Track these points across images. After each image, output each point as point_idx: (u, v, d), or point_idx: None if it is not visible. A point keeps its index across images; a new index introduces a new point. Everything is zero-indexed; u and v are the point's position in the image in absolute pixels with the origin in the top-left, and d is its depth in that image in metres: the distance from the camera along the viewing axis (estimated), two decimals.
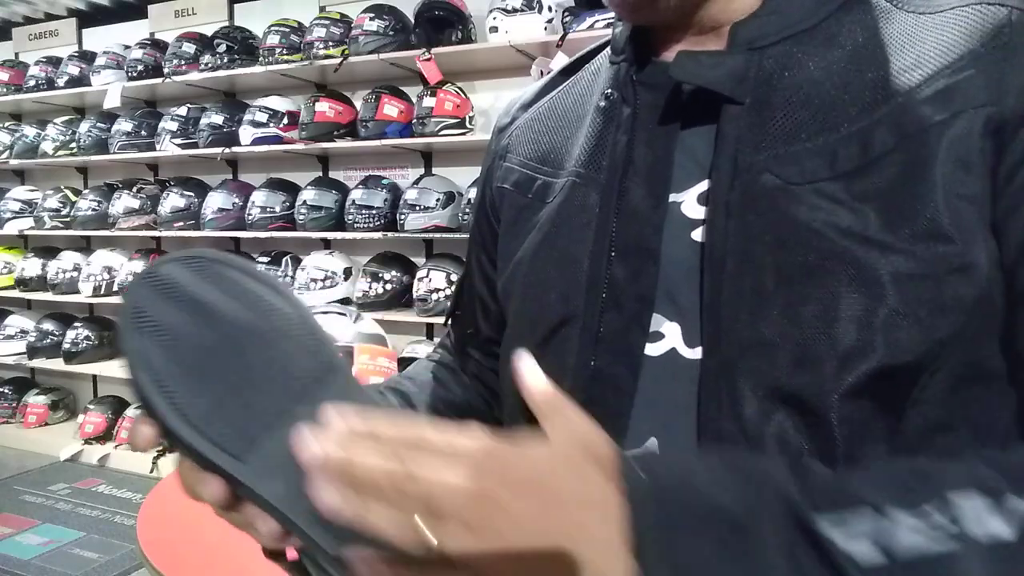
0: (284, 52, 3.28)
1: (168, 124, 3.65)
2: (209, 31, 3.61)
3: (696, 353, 0.46)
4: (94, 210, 3.88)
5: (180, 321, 0.41)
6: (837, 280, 0.43)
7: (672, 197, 0.49)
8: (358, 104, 3.23)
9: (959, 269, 0.42)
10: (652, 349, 0.48)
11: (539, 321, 0.53)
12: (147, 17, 4.09)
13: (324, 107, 3.23)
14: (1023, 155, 0.43)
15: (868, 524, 0.35)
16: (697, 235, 0.48)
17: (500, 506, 0.32)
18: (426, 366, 0.73)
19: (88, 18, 4.33)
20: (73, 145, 3.98)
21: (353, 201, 3.17)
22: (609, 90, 0.55)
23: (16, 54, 4.57)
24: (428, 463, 0.32)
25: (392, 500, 0.31)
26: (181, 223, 3.61)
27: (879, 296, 0.42)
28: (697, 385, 0.46)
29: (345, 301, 3.27)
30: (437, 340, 3.42)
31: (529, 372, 0.38)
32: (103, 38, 4.21)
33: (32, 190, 4.34)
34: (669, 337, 0.48)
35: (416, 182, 3.17)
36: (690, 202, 0.49)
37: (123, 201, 3.78)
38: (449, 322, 0.75)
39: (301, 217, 3.27)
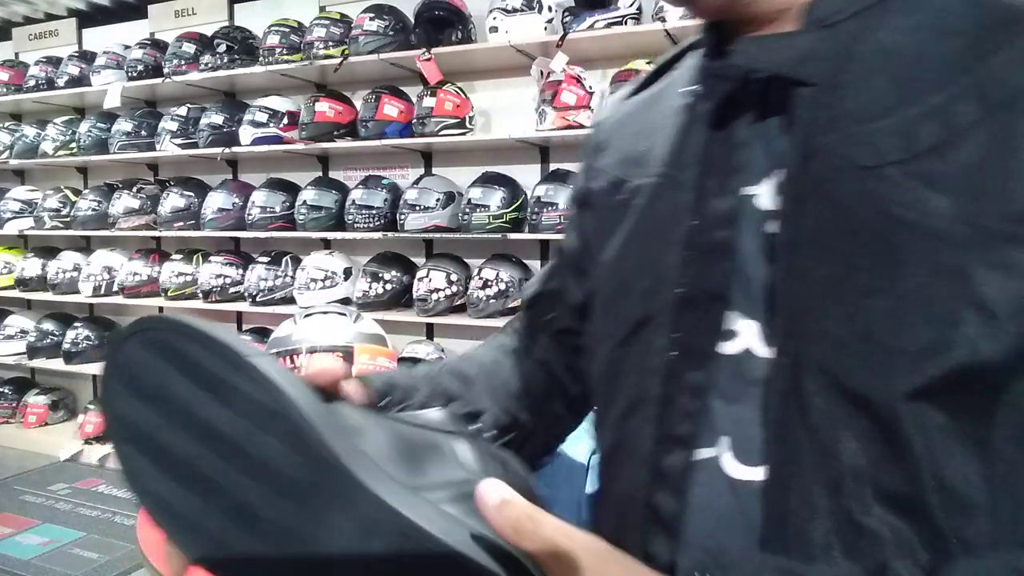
0: (284, 52, 3.28)
1: (168, 124, 3.65)
2: (209, 31, 3.61)
3: (771, 352, 0.44)
4: (94, 210, 3.88)
5: (156, 427, 0.37)
6: (914, 270, 0.40)
7: (746, 190, 0.48)
8: (358, 104, 3.23)
9: None
10: (727, 347, 0.47)
11: (621, 320, 0.54)
12: (147, 17, 4.09)
13: (324, 107, 3.23)
14: None
15: None
16: (772, 228, 0.46)
17: None
18: (493, 349, 0.72)
19: (88, 18, 4.33)
20: (73, 145, 3.98)
21: (353, 201, 3.17)
22: (694, 86, 0.54)
23: (16, 54, 4.57)
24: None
25: None
26: (181, 223, 3.61)
27: (962, 287, 0.39)
28: (768, 385, 0.44)
29: (345, 301, 3.27)
30: (437, 340, 3.44)
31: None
32: (103, 38, 4.21)
33: (32, 190, 4.34)
34: (744, 335, 0.46)
35: (416, 182, 3.17)
36: (765, 194, 0.47)
37: (123, 201, 3.78)
38: (526, 306, 0.73)
39: (301, 217, 3.27)
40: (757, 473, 0.44)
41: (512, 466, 0.42)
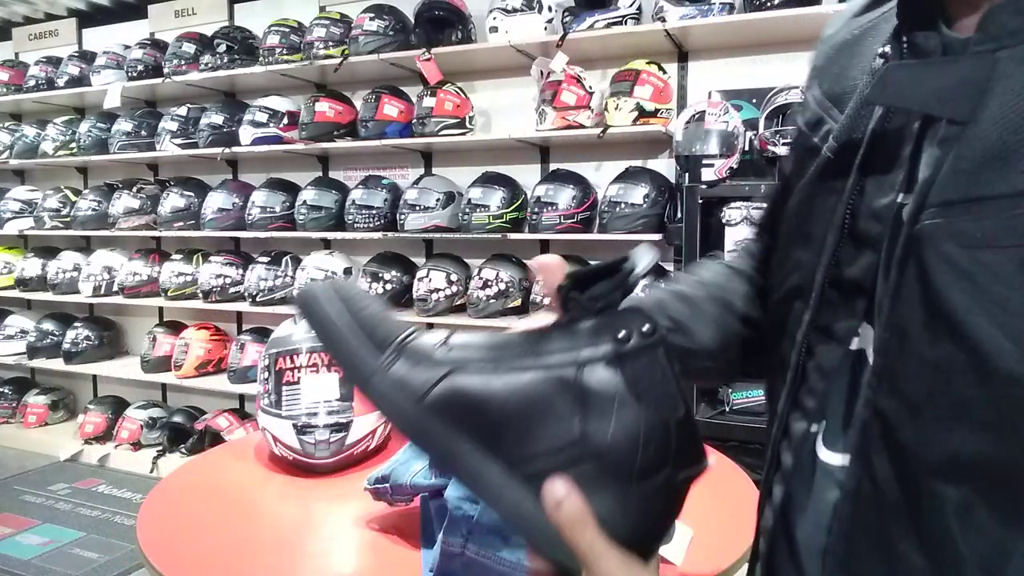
0: (284, 52, 3.28)
1: (168, 124, 3.65)
2: (209, 31, 3.61)
3: (873, 365, 0.43)
4: (94, 210, 3.89)
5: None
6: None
7: (901, 198, 0.43)
8: (358, 104, 3.23)
9: None
10: (855, 343, 0.47)
11: (783, 280, 0.54)
12: (147, 17, 4.09)
13: (324, 107, 3.23)
14: None
15: None
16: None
17: None
18: (718, 273, 0.68)
19: (88, 18, 4.34)
20: (73, 145, 3.98)
21: (353, 201, 3.17)
22: (883, 47, 0.46)
23: (16, 54, 4.57)
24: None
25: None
26: (181, 223, 3.62)
27: None
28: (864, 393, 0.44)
29: None
30: None
31: None
32: (103, 38, 4.21)
33: (32, 190, 4.34)
34: (863, 337, 0.46)
35: (416, 182, 3.17)
36: (909, 209, 0.41)
37: (123, 201, 3.78)
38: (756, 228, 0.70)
39: (301, 217, 3.27)
40: (839, 459, 0.47)
41: (653, 395, 0.40)
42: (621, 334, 0.40)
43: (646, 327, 0.40)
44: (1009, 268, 0.35)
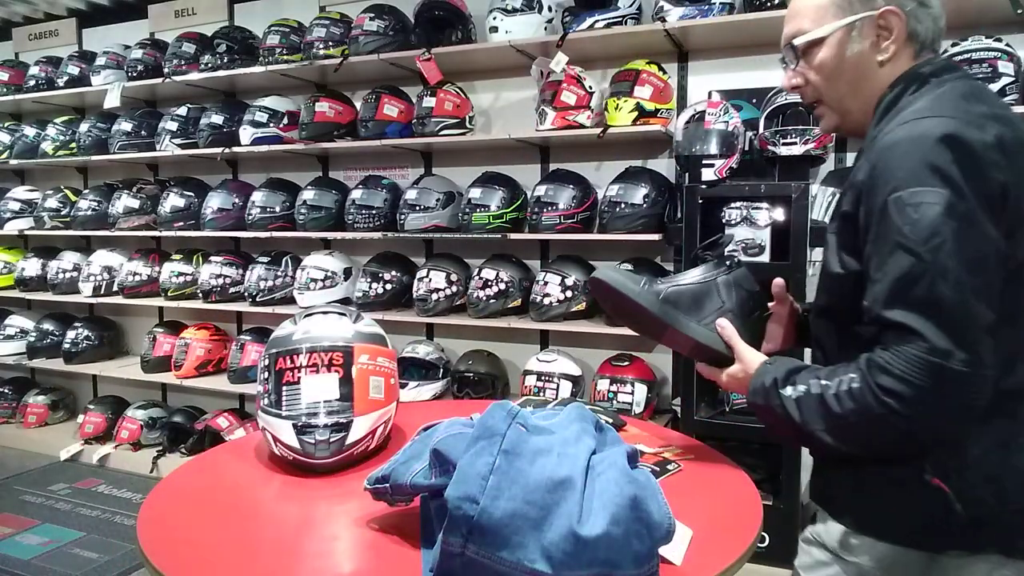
0: (284, 52, 3.28)
1: (168, 124, 3.65)
2: (209, 31, 3.61)
3: None
4: (94, 210, 3.89)
5: None
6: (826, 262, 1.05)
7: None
8: (358, 104, 3.23)
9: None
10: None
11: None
12: (147, 17, 4.10)
13: (324, 107, 3.23)
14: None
15: (799, 386, 0.96)
16: None
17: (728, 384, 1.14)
18: None
19: (88, 18, 4.34)
20: (73, 145, 3.98)
21: (353, 201, 3.17)
22: None
23: (16, 54, 4.57)
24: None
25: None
26: (181, 223, 3.62)
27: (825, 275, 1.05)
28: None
29: (345, 301, 3.27)
30: (437, 340, 3.44)
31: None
32: (103, 38, 4.21)
33: (32, 190, 4.34)
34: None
35: (416, 182, 3.17)
36: None
37: (123, 201, 3.78)
38: None
39: (301, 217, 3.27)
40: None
41: (745, 284, 1.18)
42: (727, 264, 1.18)
43: (734, 262, 1.19)
44: (831, 235, 1.02)
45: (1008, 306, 0.86)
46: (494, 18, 2.82)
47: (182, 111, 3.66)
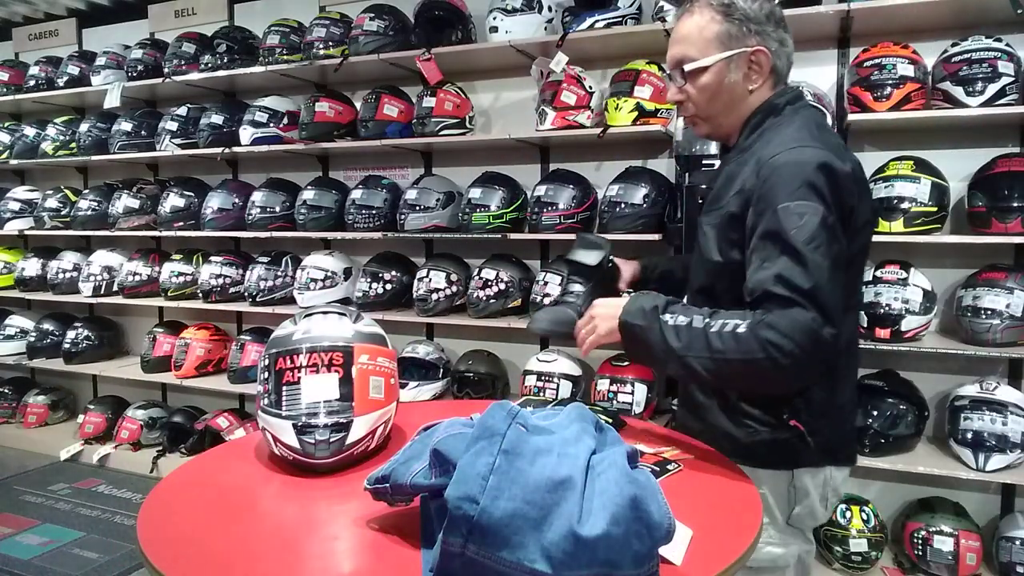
0: (284, 52, 3.28)
1: (168, 124, 3.65)
2: (209, 31, 3.61)
3: None
4: (94, 210, 3.89)
5: None
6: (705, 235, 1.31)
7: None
8: (358, 104, 3.23)
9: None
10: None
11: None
12: (147, 17, 4.10)
13: (324, 107, 3.23)
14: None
15: (681, 317, 1.14)
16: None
17: (596, 314, 1.26)
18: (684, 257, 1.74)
19: (88, 18, 4.34)
20: (73, 145, 3.98)
21: (353, 201, 3.17)
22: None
23: (16, 54, 4.57)
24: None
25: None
26: (181, 223, 3.62)
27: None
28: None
29: (345, 301, 3.27)
30: (437, 340, 3.44)
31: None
32: (103, 38, 4.21)
33: (32, 190, 4.34)
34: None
35: (416, 182, 3.17)
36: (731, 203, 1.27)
37: (123, 201, 3.78)
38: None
39: (301, 217, 3.27)
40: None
41: (580, 249, 1.58)
42: (576, 276, 1.67)
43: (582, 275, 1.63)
44: (709, 228, 1.28)
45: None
46: (494, 18, 2.82)
47: (182, 111, 3.66)
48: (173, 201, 3.64)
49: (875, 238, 2.32)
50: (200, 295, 3.55)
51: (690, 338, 1.11)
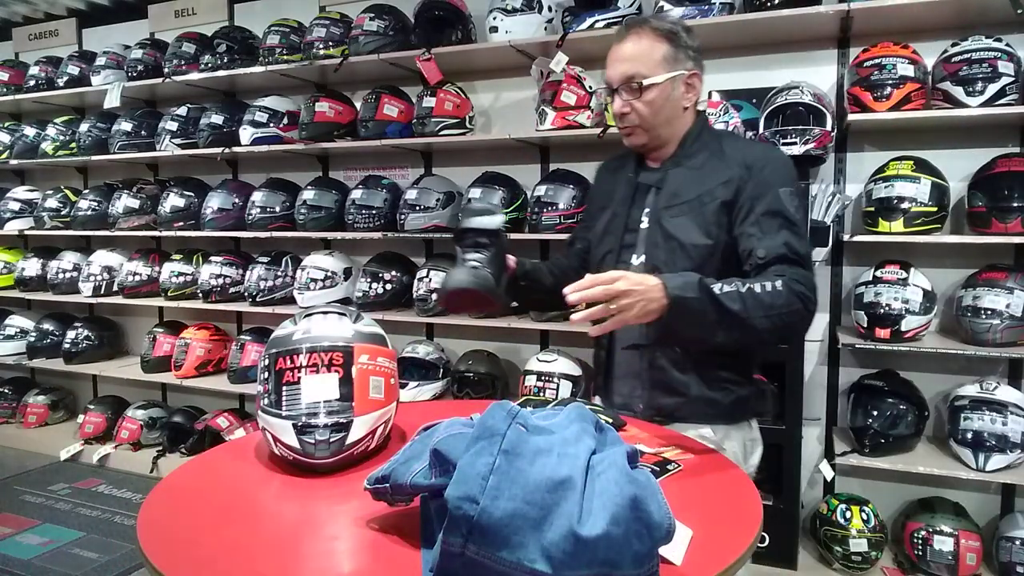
0: (284, 52, 3.28)
1: (168, 124, 3.65)
2: (209, 31, 3.61)
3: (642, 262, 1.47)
4: (94, 210, 3.89)
5: None
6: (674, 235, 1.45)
7: (642, 215, 1.50)
8: (358, 104, 3.23)
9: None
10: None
11: (599, 251, 1.56)
12: (147, 17, 4.10)
13: (324, 107, 3.23)
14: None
15: (726, 286, 1.23)
16: (645, 225, 1.49)
17: (635, 295, 1.18)
18: (555, 261, 1.75)
19: (88, 18, 4.34)
20: (73, 145, 3.98)
21: (353, 201, 3.17)
22: (631, 173, 1.55)
23: (16, 54, 4.57)
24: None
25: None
26: (181, 223, 3.62)
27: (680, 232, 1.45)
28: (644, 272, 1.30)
29: (345, 301, 3.27)
30: (437, 340, 3.43)
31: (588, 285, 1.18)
32: (103, 38, 4.21)
33: (32, 190, 4.34)
34: (635, 260, 1.48)
35: (416, 182, 3.17)
36: (646, 216, 1.48)
37: (123, 201, 3.78)
38: (568, 244, 1.78)
39: (301, 217, 3.27)
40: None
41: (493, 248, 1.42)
42: (476, 243, 1.40)
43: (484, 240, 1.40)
44: (681, 218, 1.42)
45: None
46: (494, 18, 2.82)
47: (182, 111, 3.66)
48: (173, 201, 3.64)
49: (875, 238, 2.36)
50: (200, 295, 3.55)
51: (745, 301, 1.23)
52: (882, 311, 2.38)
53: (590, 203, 1.70)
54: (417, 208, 3.05)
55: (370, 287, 3.16)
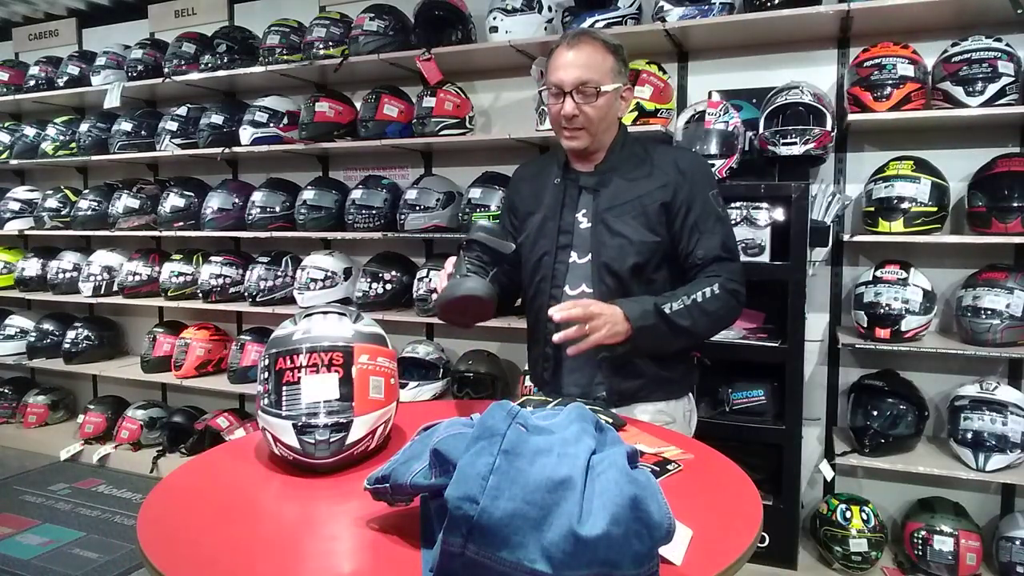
0: (284, 52, 3.28)
1: (168, 124, 3.65)
2: (209, 31, 3.61)
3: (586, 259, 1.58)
4: (94, 210, 3.89)
5: None
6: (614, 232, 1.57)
7: (577, 215, 1.59)
8: (358, 104, 3.23)
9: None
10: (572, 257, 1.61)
11: (534, 253, 1.64)
12: (147, 17, 4.10)
13: (324, 107, 3.23)
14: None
15: (675, 303, 1.45)
16: (585, 226, 1.58)
17: (603, 319, 1.39)
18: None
19: (88, 18, 4.34)
20: (73, 145, 3.98)
21: (353, 201, 3.17)
22: (558, 179, 1.64)
23: (16, 54, 4.57)
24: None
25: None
26: (181, 223, 3.62)
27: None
28: (589, 271, 1.56)
29: (345, 301, 3.27)
30: (437, 340, 3.43)
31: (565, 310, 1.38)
32: (103, 38, 4.21)
33: (32, 190, 4.34)
34: (574, 258, 1.59)
35: (416, 182, 3.17)
36: (583, 216, 1.59)
37: (123, 201, 3.78)
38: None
39: (301, 217, 3.27)
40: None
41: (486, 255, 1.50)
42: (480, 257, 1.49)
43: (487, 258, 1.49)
44: (625, 218, 1.54)
45: None
46: (494, 18, 2.82)
47: (182, 111, 3.66)
48: (173, 201, 3.64)
49: (875, 238, 2.36)
50: (200, 295, 3.55)
51: (692, 314, 1.45)
52: (882, 311, 2.38)
53: (513, 210, 1.74)
54: (417, 208, 3.05)
55: (370, 287, 3.16)
